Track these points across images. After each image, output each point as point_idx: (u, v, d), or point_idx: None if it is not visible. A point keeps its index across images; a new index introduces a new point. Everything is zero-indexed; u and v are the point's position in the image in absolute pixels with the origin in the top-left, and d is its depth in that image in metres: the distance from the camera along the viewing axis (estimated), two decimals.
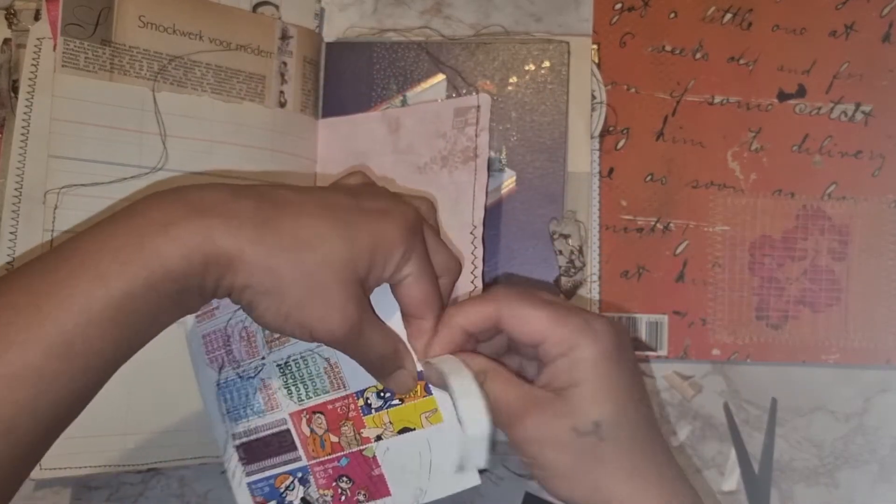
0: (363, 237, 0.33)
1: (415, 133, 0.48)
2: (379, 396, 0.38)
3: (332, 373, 0.38)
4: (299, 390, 0.39)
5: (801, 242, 0.50)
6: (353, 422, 0.38)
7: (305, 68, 0.50)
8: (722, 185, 0.50)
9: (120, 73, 0.44)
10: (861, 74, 0.50)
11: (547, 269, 0.49)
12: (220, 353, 0.41)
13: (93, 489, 0.50)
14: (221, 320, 0.41)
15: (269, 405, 0.40)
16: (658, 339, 0.50)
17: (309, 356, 0.39)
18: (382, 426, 0.38)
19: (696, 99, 0.51)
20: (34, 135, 0.46)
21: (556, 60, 0.50)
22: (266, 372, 0.40)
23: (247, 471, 0.41)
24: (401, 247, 0.33)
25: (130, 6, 0.45)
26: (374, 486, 0.38)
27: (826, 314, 0.50)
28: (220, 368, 0.41)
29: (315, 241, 0.32)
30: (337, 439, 0.39)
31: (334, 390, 0.38)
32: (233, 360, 0.41)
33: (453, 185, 0.47)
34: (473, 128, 0.47)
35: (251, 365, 0.40)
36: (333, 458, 0.39)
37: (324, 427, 0.39)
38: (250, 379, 0.40)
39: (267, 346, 0.40)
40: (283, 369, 0.39)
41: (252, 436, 0.41)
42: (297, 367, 0.39)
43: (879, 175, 0.50)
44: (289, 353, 0.39)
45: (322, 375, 0.39)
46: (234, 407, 0.41)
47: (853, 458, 0.50)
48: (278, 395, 0.40)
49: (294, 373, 0.39)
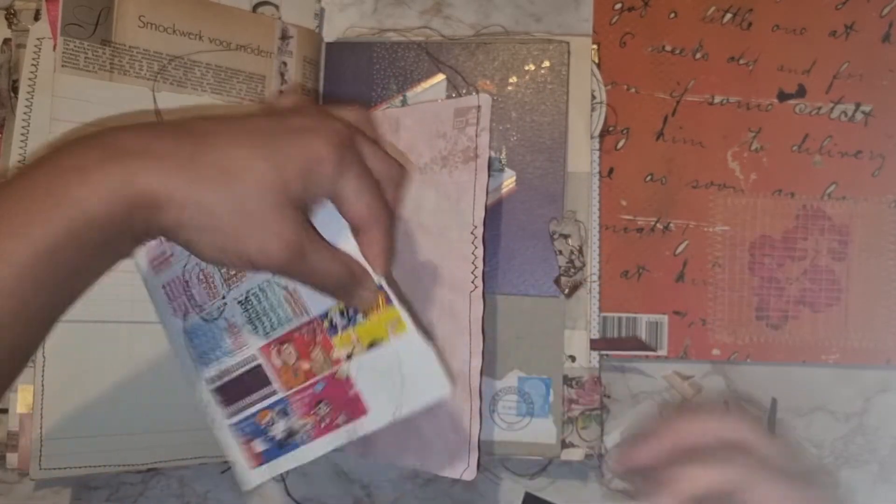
0: (291, 158, 0.32)
1: (415, 133, 0.48)
2: (342, 315, 0.37)
3: (291, 300, 0.38)
4: (263, 323, 0.39)
5: (801, 242, 0.50)
6: (321, 345, 0.38)
7: (305, 68, 0.50)
8: (722, 185, 0.50)
9: (120, 73, 0.44)
10: (861, 74, 0.50)
11: (547, 269, 0.49)
12: (181, 299, 0.41)
13: (93, 489, 0.50)
14: (178, 267, 0.41)
15: (237, 343, 0.40)
16: (658, 339, 0.50)
17: (267, 287, 0.38)
18: (351, 344, 0.37)
19: (696, 99, 0.51)
20: (34, 135, 0.45)
21: (556, 60, 0.50)
22: (229, 311, 0.40)
23: (226, 413, 0.41)
24: (332, 162, 0.33)
25: (130, 6, 0.45)
26: (351, 406, 0.37)
27: (826, 314, 0.50)
28: (185, 315, 0.41)
29: (241, 169, 0.31)
30: (309, 366, 0.38)
31: (297, 317, 0.38)
32: (195, 305, 0.40)
33: (454, 185, 0.47)
34: (474, 128, 0.47)
35: (213, 306, 0.40)
36: (308, 385, 0.38)
37: (294, 355, 0.38)
38: (215, 320, 0.40)
39: (226, 285, 0.39)
40: (244, 305, 0.39)
41: (225, 377, 0.41)
42: (257, 300, 0.39)
43: (879, 175, 0.50)
44: (247, 288, 0.39)
45: (283, 304, 0.38)
46: (204, 351, 0.41)
47: (853, 458, 0.50)
48: (244, 332, 0.39)
49: (255, 307, 0.39)
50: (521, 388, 0.48)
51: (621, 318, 0.50)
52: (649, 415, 0.41)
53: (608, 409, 0.50)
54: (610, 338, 0.50)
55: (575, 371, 0.48)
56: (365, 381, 0.37)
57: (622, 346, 0.50)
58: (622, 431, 0.50)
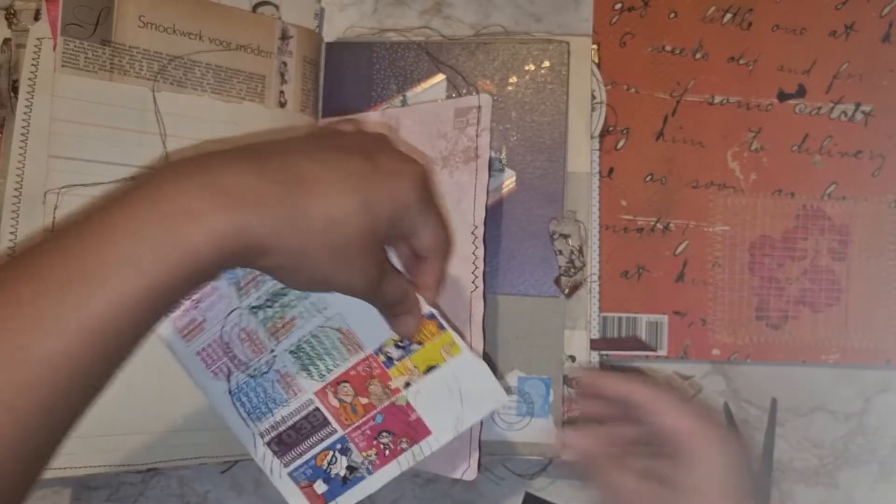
0: (383, 205, 0.34)
1: (415, 133, 0.48)
2: (398, 347, 0.40)
3: (347, 341, 0.40)
4: (318, 368, 0.40)
5: (801, 242, 0.50)
6: (378, 378, 0.40)
7: (305, 68, 0.50)
8: (722, 185, 0.50)
9: (120, 73, 0.44)
10: (861, 74, 0.50)
11: (547, 269, 0.49)
12: (222, 361, 0.41)
13: (93, 489, 0.50)
14: (214, 332, 0.41)
15: (291, 392, 0.41)
16: (658, 339, 0.50)
17: (321, 332, 0.40)
18: (408, 372, 0.40)
19: (696, 99, 0.51)
20: (34, 135, 0.45)
21: (556, 60, 0.50)
22: (279, 362, 0.41)
23: (284, 461, 0.42)
24: (417, 206, 0.36)
25: (130, 6, 0.45)
26: (415, 430, 0.40)
27: (826, 314, 0.50)
28: (229, 376, 0.41)
29: (342, 219, 0.33)
30: (367, 400, 0.40)
31: (352, 355, 0.40)
32: (240, 364, 0.41)
33: (454, 186, 0.47)
34: (474, 128, 0.47)
35: (261, 361, 0.41)
36: (368, 418, 0.40)
37: (351, 393, 0.40)
38: (264, 374, 0.41)
39: (273, 338, 0.41)
40: (296, 354, 0.41)
41: (281, 427, 0.41)
42: (310, 346, 0.40)
43: (879, 175, 0.50)
44: (298, 337, 0.40)
45: (338, 346, 0.40)
46: (255, 407, 0.41)
47: (853, 458, 0.50)
48: (298, 380, 0.41)
49: (308, 353, 0.40)
50: (522, 388, 0.48)
51: (621, 318, 0.50)
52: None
53: None
54: (610, 338, 0.50)
55: (575, 371, 0.48)
56: (425, 404, 0.40)
57: (622, 346, 0.50)
58: None
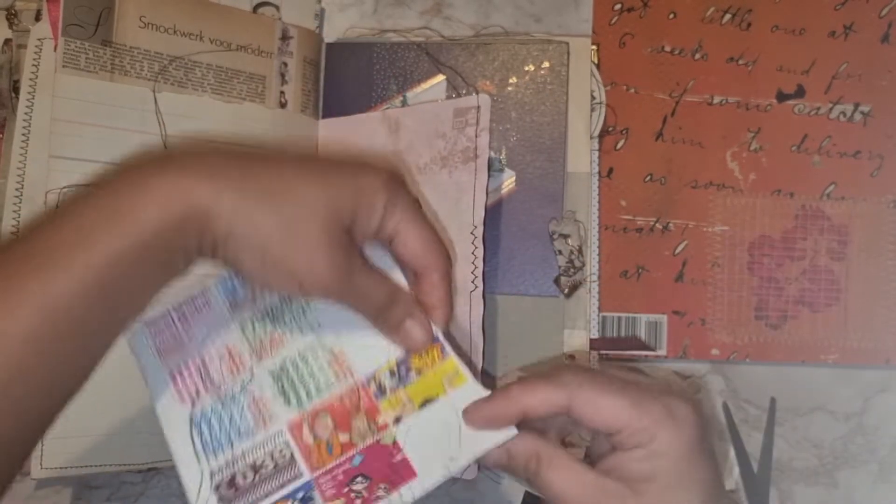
0: (344, 185, 0.33)
1: (414, 133, 0.49)
2: (392, 375, 0.36)
3: (336, 364, 0.36)
4: (298, 394, 0.36)
5: (801, 242, 0.50)
6: (364, 411, 0.36)
7: (306, 69, 0.50)
8: (721, 185, 0.50)
9: (121, 74, 0.45)
10: (860, 75, 0.51)
11: (546, 269, 0.49)
12: (191, 382, 0.37)
13: (93, 488, 0.50)
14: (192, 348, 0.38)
15: (261, 421, 0.36)
16: (657, 338, 0.50)
17: (310, 353, 0.37)
18: (401, 406, 0.36)
19: (695, 99, 0.51)
20: (35, 135, 0.46)
21: (555, 61, 0.50)
22: (256, 384, 0.37)
23: None
24: (383, 194, 0.33)
25: (131, 7, 0.45)
26: (397, 473, 0.35)
27: (825, 314, 0.50)
28: (195, 400, 0.37)
29: (292, 190, 0.32)
30: (347, 437, 0.36)
31: (340, 381, 0.36)
32: (210, 385, 0.37)
33: (453, 185, 0.47)
34: (473, 128, 0.47)
35: (236, 382, 0.37)
36: (344, 460, 0.35)
37: (330, 427, 0.36)
38: (234, 397, 0.37)
39: (256, 356, 0.37)
40: (276, 376, 0.37)
41: (237, 465, 0.36)
42: (294, 368, 0.37)
43: (878, 175, 0.50)
44: (284, 356, 0.37)
45: (325, 369, 0.36)
46: (214, 438, 0.36)
47: (853, 458, 0.50)
48: (272, 406, 0.36)
49: (292, 375, 0.37)
50: None
51: (621, 318, 0.50)
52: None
53: None
54: (609, 337, 0.50)
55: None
56: (415, 442, 0.35)
57: (621, 345, 0.50)
58: None
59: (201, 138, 0.46)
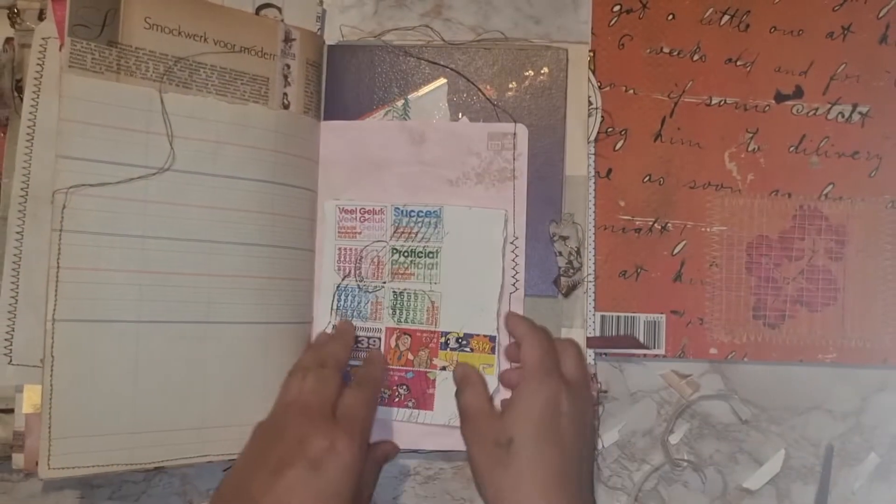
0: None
1: (442, 148, 0.50)
2: (457, 341, 0.49)
3: (431, 311, 0.49)
4: (401, 314, 0.50)
5: (799, 242, 0.50)
6: (429, 350, 0.49)
7: (308, 70, 0.50)
8: (719, 185, 0.51)
9: (126, 74, 0.45)
10: (858, 76, 0.51)
11: (546, 269, 0.49)
12: (348, 264, 0.50)
13: (96, 487, 0.50)
14: (358, 243, 0.50)
15: (375, 315, 0.50)
16: (656, 338, 0.50)
17: (420, 294, 0.49)
18: (450, 362, 0.49)
19: (693, 100, 0.51)
20: (40, 135, 0.46)
21: (554, 67, 0.50)
22: (383, 292, 0.50)
23: None
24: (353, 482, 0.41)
25: (136, 8, 0.45)
26: (424, 400, 0.49)
27: (823, 314, 0.50)
28: (344, 277, 0.50)
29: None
30: (413, 358, 0.49)
31: (427, 324, 0.49)
32: (358, 275, 0.50)
33: (489, 200, 0.49)
34: (510, 152, 0.49)
35: (373, 283, 0.50)
36: (403, 370, 0.49)
37: (407, 346, 0.49)
38: (367, 293, 0.50)
39: (391, 275, 0.50)
40: (396, 295, 0.50)
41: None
42: (407, 298, 0.49)
43: (876, 175, 0.50)
44: (405, 287, 0.50)
45: (423, 311, 0.49)
46: (345, 307, 0.50)
47: (851, 456, 0.50)
48: (384, 311, 0.50)
49: (403, 301, 0.49)
50: None
51: (620, 318, 0.50)
52: None
53: (603, 405, 0.50)
54: (605, 336, 0.50)
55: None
56: (442, 390, 0.49)
57: (617, 344, 0.50)
58: (619, 429, 0.51)
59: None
